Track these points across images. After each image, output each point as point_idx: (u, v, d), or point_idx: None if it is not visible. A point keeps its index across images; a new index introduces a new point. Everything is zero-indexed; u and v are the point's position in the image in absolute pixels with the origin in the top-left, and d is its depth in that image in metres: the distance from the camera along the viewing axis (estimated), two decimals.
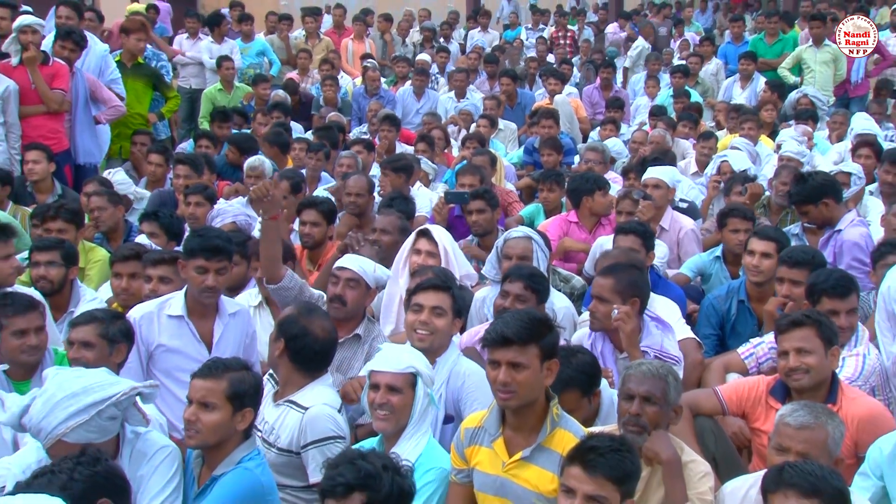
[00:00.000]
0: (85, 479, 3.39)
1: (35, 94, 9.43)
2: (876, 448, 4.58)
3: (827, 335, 4.84)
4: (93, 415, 3.94)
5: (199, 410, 4.13)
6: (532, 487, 4.13)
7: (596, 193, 7.65)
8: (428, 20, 20.81)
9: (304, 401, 4.81)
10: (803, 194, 7.40)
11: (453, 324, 5.26)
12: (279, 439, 4.77)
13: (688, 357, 5.70)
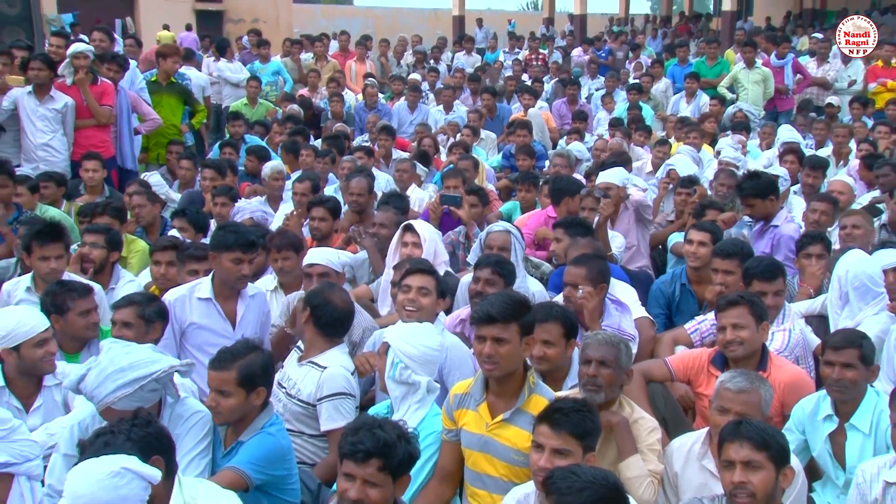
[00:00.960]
0: (139, 438, 3.37)
1: (86, 109, 9.54)
2: (799, 408, 4.71)
3: (758, 312, 4.90)
4: (136, 388, 3.95)
5: (217, 397, 4.13)
6: (511, 445, 4.14)
7: (576, 195, 7.66)
8: (420, 45, 20.89)
9: (323, 362, 4.88)
10: (755, 189, 7.42)
11: (437, 302, 5.28)
12: (300, 393, 4.82)
13: (642, 333, 5.73)
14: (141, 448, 3.33)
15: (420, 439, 4.06)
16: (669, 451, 4.32)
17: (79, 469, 3.09)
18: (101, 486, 3.02)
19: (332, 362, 4.89)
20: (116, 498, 3.04)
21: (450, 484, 4.41)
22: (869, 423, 4.45)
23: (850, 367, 4.47)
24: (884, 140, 11.26)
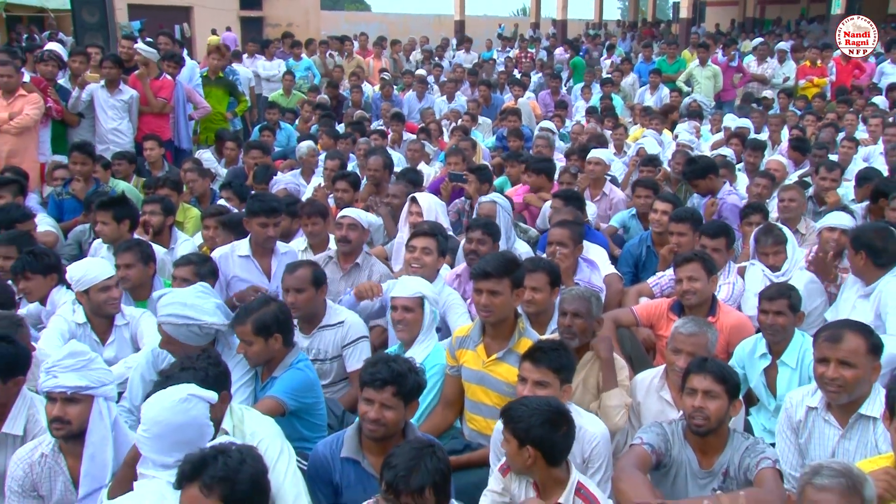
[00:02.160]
0: (216, 375, 3.44)
1: (145, 99, 9.63)
2: (740, 347, 4.74)
3: (709, 267, 4.92)
4: (181, 325, 4.06)
5: (243, 345, 4.14)
6: (504, 379, 4.15)
7: (542, 173, 7.78)
8: (426, 44, 20.77)
9: (337, 318, 4.88)
10: (695, 172, 7.52)
11: (439, 260, 5.31)
12: (326, 353, 4.80)
13: (612, 287, 5.75)
14: (215, 382, 3.39)
15: (427, 370, 4.11)
16: (633, 385, 4.33)
17: (152, 399, 3.12)
18: (174, 412, 3.06)
19: (346, 316, 4.93)
20: (187, 419, 3.09)
21: (452, 410, 4.44)
22: (796, 360, 4.48)
23: (781, 314, 4.49)
24: (810, 127, 11.27)
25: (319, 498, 3.50)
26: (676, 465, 3.60)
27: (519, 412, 3.21)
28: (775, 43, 17.73)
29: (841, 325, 3.78)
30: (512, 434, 3.20)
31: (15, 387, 3.67)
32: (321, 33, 23.47)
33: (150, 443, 3.07)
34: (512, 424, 3.21)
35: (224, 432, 3.42)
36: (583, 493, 3.29)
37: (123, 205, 5.94)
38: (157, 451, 3.07)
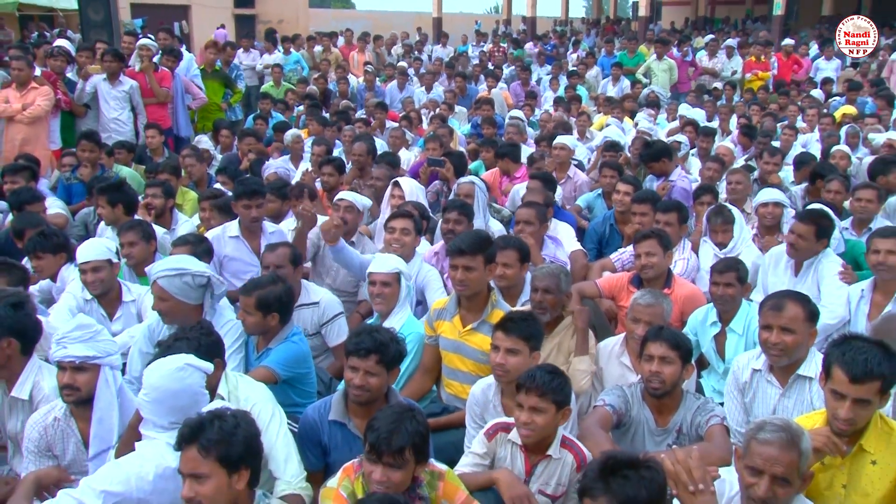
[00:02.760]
0: (209, 343, 3.42)
1: (149, 90, 9.57)
2: (693, 316, 4.76)
3: (665, 243, 4.93)
4: (174, 275, 4.03)
5: (243, 314, 4.12)
6: (478, 347, 4.14)
7: (506, 156, 7.90)
8: (407, 39, 20.63)
9: (313, 297, 4.84)
10: (650, 156, 7.57)
11: (416, 239, 5.28)
12: (306, 331, 4.71)
13: (576, 262, 5.76)
14: (208, 350, 3.37)
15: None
16: (597, 350, 4.34)
17: (153, 366, 3.10)
18: (171, 378, 3.04)
19: (320, 295, 4.88)
20: (182, 386, 3.05)
21: (430, 376, 4.43)
22: (743, 327, 4.52)
23: (730, 286, 4.52)
24: (756, 116, 11.33)
25: (309, 457, 3.48)
26: (635, 423, 3.62)
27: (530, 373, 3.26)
28: (724, 40, 17.76)
29: (783, 295, 3.81)
30: (552, 402, 3.21)
31: (9, 348, 3.65)
32: (310, 29, 23.30)
33: (149, 406, 3.06)
34: (525, 381, 3.23)
35: (220, 397, 3.42)
36: (567, 443, 3.34)
37: (118, 190, 5.92)
38: (155, 414, 3.05)
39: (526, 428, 3.20)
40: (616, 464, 2.49)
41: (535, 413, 3.18)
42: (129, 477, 2.91)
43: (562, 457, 3.31)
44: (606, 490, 2.44)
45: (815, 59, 16.74)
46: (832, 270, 5.08)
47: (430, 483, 3.00)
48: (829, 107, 12.30)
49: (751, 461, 2.74)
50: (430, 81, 13.86)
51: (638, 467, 2.48)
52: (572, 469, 3.32)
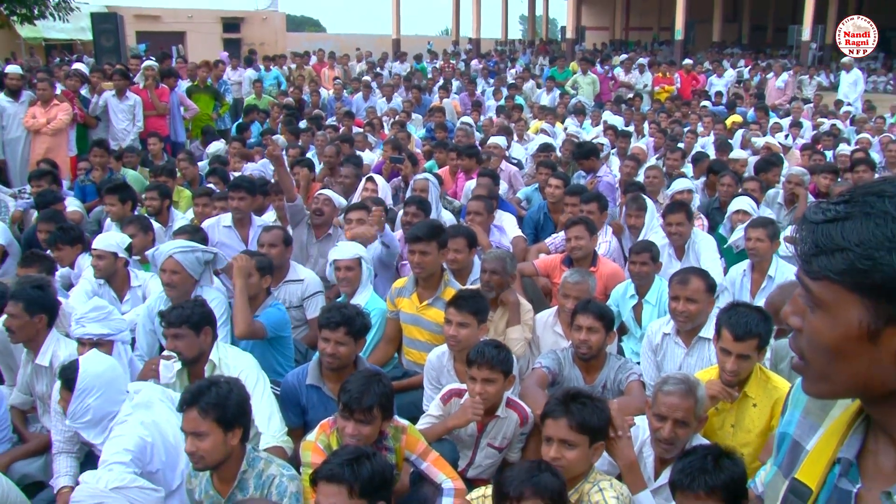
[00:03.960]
0: (200, 313, 3.39)
1: (151, 104, 9.55)
2: (615, 290, 4.76)
3: (591, 229, 4.91)
4: (188, 251, 4.00)
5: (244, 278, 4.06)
6: (433, 320, 4.12)
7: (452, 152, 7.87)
8: (370, 57, 20.40)
9: (299, 275, 4.76)
10: (581, 154, 7.54)
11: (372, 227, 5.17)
12: (291, 303, 4.66)
13: (517, 246, 5.71)
14: (199, 320, 3.36)
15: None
16: (535, 322, 4.32)
17: (86, 372, 3.07)
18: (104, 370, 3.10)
19: (306, 274, 4.81)
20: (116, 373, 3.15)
21: (392, 345, 4.39)
22: (656, 298, 4.54)
23: (645, 264, 4.53)
24: (664, 122, 11.40)
25: (289, 416, 3.42)
26: (567, 381, 3.62)
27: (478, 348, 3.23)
28: (637, 59, 17.91)
29: (688, 272, 3.86)
30: (500, 372, 3.19)
31: (40, 323, 3.64)
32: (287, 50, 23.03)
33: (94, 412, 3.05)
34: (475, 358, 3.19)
35: (212, 363, 3.41)
36: (511, 404, 3.33)
37: (125, 189, 5.88)
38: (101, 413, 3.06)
39: (480, 397, 3.17)
40: (577, 394, 2.64)
41: (487, 384, 3.16)
42: (133, 437, 2.89)
43: (507, 415, 3.30)
44: (566, 412, 2.58)
45: (710, 76, 17.02)
46: (707, 247, 5.21)
47: (395, 436, 2.98)
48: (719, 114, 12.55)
49: (657, 409, 2.82)
50: (390, 93, 13.71)
51: (592, 399, 2.64)
52: (516, 425, 3.33)
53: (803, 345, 1.07)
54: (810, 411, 1.19)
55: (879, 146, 9.71)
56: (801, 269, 1.05)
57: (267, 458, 2.77)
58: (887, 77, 21.76)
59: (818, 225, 1.01)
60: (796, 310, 1.08)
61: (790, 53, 22.75)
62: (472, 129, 10.11)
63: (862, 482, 1.07)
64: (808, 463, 1.14)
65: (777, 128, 10.68)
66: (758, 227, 4.82)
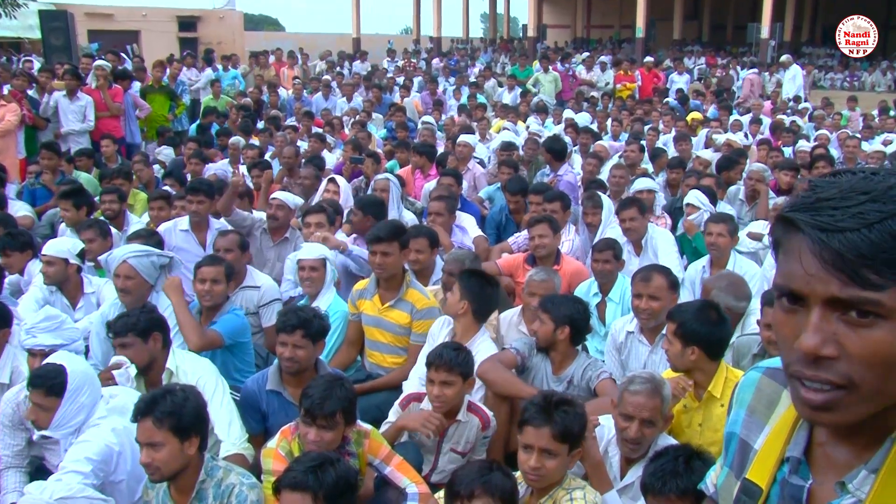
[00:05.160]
0: (146, 319, 3.32)
1: (104, 105, 9.35)
2: (578, 288, 4.73)
3: (555, 227, 4.92)
4: (143, 255, 3.93)
5: (213, 285, 3.99)
6: (395, 321, 4.11)
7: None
8: (330, 56, 20.29)
9: (256, 282, 4.70)
10: (555, 152, 7.55)
11: (331, 230, 5.15)
12: (248, 309, 4.58)
13: (479, 246, 5.70)
14: (146, 326, 3.28)
15: (330, 317, 4.01)
16: (499, 321, 4.33)
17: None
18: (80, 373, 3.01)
19: (264, 280, 4.75)
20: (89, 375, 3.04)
21: (354, 348, 4.36)
22: (619, 296, 4.55)
23: (608, 262, 4.54)
24: (626, 120, 11.52)
25: (250, 422, 3.38)
26: (535, 369, 3.63)
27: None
28: (598, 57, 18.09)
29: (651, 269, 3.88)
30: (459, 375, 3.15)
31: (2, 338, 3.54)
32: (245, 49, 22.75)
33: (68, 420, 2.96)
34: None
35: (169, 371, 3.35)
36: (473, 408, 3.32)
37: (82, 194, 5.76)
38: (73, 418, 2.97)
39: (438, 401, 3.15)
40: (559, 400, 2.59)
41: (446, 387, 3.12)
42: (100, 443, 2.83)
43: (469, 420, 3.29)
44: (549, 420, 2.53)
45: (670, 74, 17.26)
46: (665, 242, 5.29)
47: (358, 441, 2.95)
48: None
49: (623, 409, 2.81)
50: (350, 92, 13.66)
51: (573, 405, 2.60)
52: (478, 429, 3.32)
53: (848, 370, 0.93)
54: (755, 409, 1.19)
55: (837, 142, 9.95)
56: (846, 281, 0.91)
57: (226, 467, 2.73)
58: (843, 74, 22.36)
59: (868, 230, 0.89)
60: (826, 337, 0.94)
61: (749, 51, 23.20)
62: (434, 127, 10.13)
63: (813, 477, 1.07)
64: (758, 462, 1.14)
65: (738, 125, 10.87)
66: (719, 223, 4.89)
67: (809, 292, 0.94)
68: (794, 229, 0.96)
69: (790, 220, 0.97)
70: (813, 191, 0.97)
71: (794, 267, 0.96)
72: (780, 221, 0.99)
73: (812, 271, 0.93)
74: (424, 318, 4.08)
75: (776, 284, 1.00)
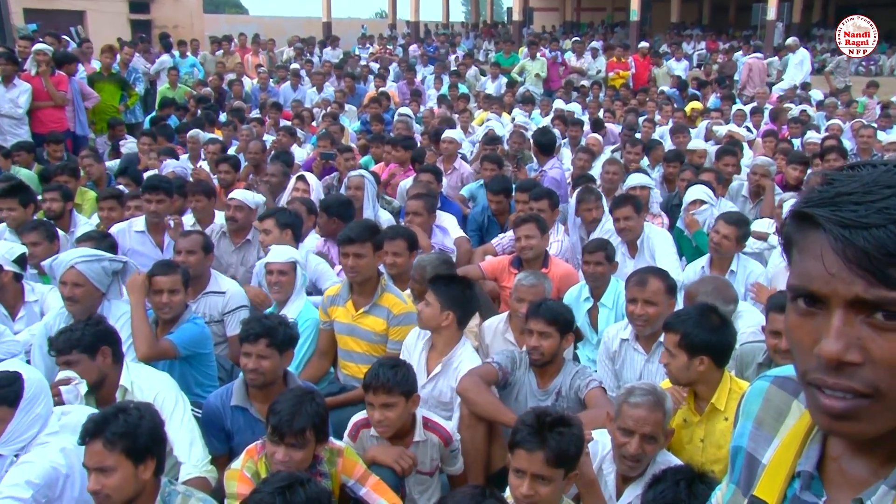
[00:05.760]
0: (92, 333, 3.27)
1: (46, 94, 9.11)
2: (568, 293, 4.79)
3: (542, 227, 4.96)
4: (93, 260, 3.89)
5: (170, 296, 3.96)
6: (370, 329, 4.12)
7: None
8: (298, 43, 20.25)
9: (221, 287, 4.68)
10: (542, 145, 7.61)
11: (285, 233, 5.10)
12: (212, 316, 4.59)
13: (461, 248, 5.76)
14: (92, 341, 3.23)
15: (300, 325, 4.04)
16: (482, 330, 4.35)
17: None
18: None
19: (229, 285, 4.75)
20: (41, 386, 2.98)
21: (327, 359, 4.37)
22: (612, 301, 4.59)
23: (599, 264, 4.57)
24: (619, 111, 11.61)
25: (213, 442, 3.37)
26: (519, 384, 3.65)
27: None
28: (589, 42, 18.17)
29: (646, 272, 3.92)
30: (400, 394, 3.13)
31: None
32: (204, 34, 22.58)
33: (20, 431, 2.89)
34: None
35: (123, 388, 3.31)
36: (430, 425, 3.32)
37: (25, 191, 5.63)
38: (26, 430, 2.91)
39: (381, 426, 3.14)
40: (553, 420, 2.57)
41: (387, 409, 3.11)
42: (45, 465, 2.79)
43: (427, 438, 3.30)
44: (542, 444, 2.51)
45: (668, 60, 17.37)
46: (662, 243, 5.32)
47: (330, 460, 2.96)
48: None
49: (622, 423, 2.82)
50: (320, 82, 13.66)
51: (569, 425, 2.58)
52: (440, 446, 3.34)
53: (873, 377, 0.93)
54: (763, 421, 1.19)
55: (851, 132, 9.89)
56: (872, 281, 0.91)
57: (185, 493, 2.71)
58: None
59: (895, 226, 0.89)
60: (850, 342, 0.93)
61: (754, 34, 23.26)
62: (412, 120, 10.14)
63: (827, 493, 1.07)
64: (766, 478, 1.14)
65: (741, 115, 10.89)
66: (730, 224, 4.87)
67: (831, 293, 0.93)
68: (811, 226, 0.96)
69: (807, 215, 0.96)
70: (831, 185, 0.96)
71: (812, 266, 0.95)
72: (796, 217, 0.99)
73: (834, 271, 0.92)
74: (402, 324, 4.09)
75: (791, 286, 1.00)
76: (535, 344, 3.54)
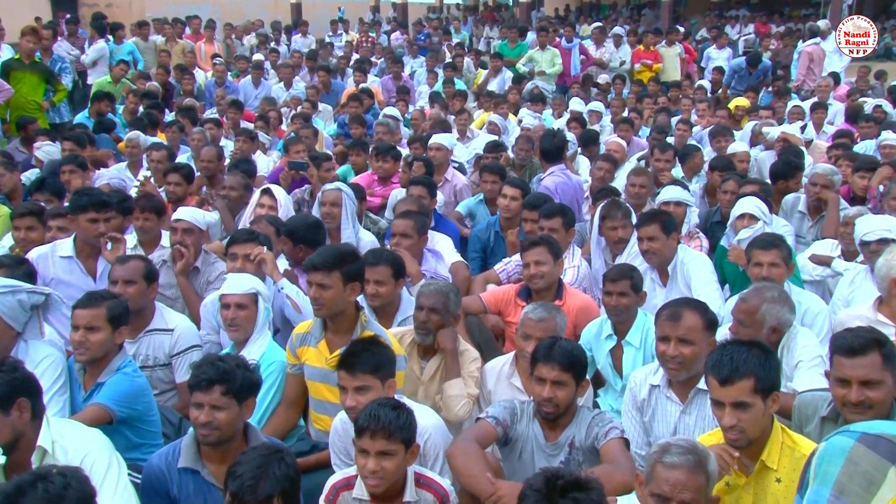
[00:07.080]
0: (6, 382, 3.19)
1: None
2: (587, 329, 4.83)
3: (555, 251, 5.01)
4: (6, 293, 3.88)
5: (86, 333, 3.96)
6: None
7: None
8: (261, 28, 20.38)
9: (168, 324, 4.69)
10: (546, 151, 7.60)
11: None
12: (156, 360, 4.61)
13: (458, 275, 5.79)
14: (6, 391, 3.17)
15: (263, 368, 4.08)
16: (483, 373, 4.38)
17: None
18: None
19: (178, 321, 4.75)
20: None
21: (295, 410, 4.38)
22: (639, 339, 4.61)
23: (624, 295, 4.60)
24: (647, 110, 11.66)
25: None
26: (522, 439, 3.66)
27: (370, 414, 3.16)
28: (611, 28, 18.27)
29: (680, 304, 3.92)
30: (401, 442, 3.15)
31: None
32: (146, 15, 22.63)
33: None
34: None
35: (42, 449, 3.24)
36: (423, 482, 3.32)
37: None
38: None
39: (374, 477, 3.12)
40: (565, 485, 2.55)
41: (384, 458, 3.11)
42: None
43: (420, 498, 3.29)
44: None
45: (706, 48, 17.41)
46: (700, 269, 5.32)
47: None
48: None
49: (657, 488, 2.80)
50: (289, 76, 13.75)
51: (586, 489, 2.56)
52: None
53: None
54: (846, 490, 1.16)
55: None
56: None
57: None
58: None
59: None
60: None
61: (816, 13, 23.14)
62: (396, 123, 10.20)
63: None
64: None
65: (799, 113, 10.68)
66: (768, 250, 4.81)
67: None
68: None
69: None
70: None
71: None
72: None
73: None
74: None
75: None
76: (548, 395, 3.54)
